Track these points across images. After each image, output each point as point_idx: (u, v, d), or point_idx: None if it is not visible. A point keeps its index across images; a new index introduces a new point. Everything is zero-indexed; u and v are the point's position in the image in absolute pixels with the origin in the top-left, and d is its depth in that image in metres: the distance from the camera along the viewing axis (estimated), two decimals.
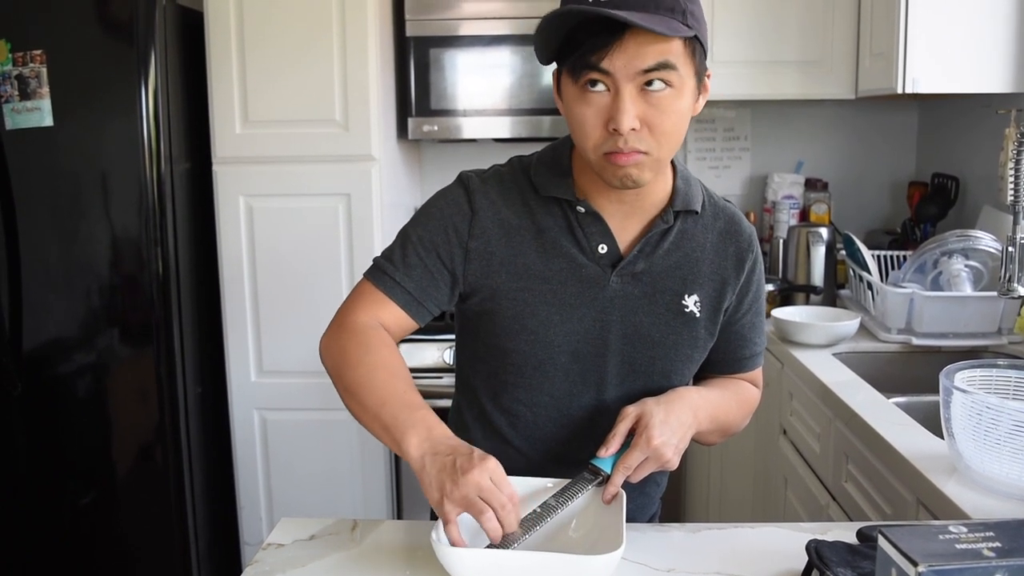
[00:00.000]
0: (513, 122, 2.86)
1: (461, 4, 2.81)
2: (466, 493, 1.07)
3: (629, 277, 1.30)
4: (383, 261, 1.33)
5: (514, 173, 1.34)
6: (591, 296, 1.29)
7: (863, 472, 1.81)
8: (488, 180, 1.33)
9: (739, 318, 1.39)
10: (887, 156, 3.28)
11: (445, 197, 1.34)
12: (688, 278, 1.32)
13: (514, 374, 1.33)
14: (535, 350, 1.30)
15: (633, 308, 1.31)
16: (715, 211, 1.36)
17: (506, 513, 1.08)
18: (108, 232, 2.53)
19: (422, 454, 1.13)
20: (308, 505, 2.78)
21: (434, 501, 1.10)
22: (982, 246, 2.37)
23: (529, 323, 1.29)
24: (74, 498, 2.65)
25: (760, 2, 2.81)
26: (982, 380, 1.50)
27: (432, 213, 1.33)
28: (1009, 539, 0.93)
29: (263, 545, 1.27)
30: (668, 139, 1.18)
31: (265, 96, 2.63)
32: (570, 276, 1.29)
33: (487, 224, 1.30)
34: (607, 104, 1.15)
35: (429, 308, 1.32)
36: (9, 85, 2.46)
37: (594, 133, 1.17)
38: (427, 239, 1.30)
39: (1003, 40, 2.44)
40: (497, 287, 1.30)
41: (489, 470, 1.08)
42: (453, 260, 1.30)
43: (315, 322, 2.67)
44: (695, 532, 1.30)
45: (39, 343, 2.59)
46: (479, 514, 1.07)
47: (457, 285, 1.32)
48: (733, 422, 1.40)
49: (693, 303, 1.32)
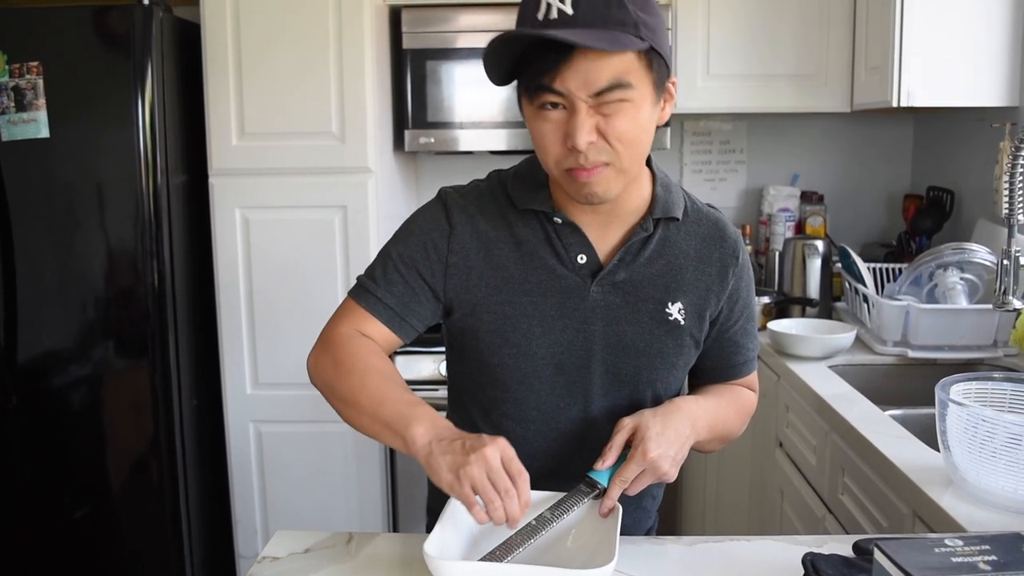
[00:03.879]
0: (509, 134, 2.86)
1: (458, 17, 2.82)
2: (477, 472, 1.06)
3: (610, 286, 1.30)
4: (365, 279, 1.35)
5: (492, 187, 1.34)
6: (572, 307, 1.29)
7: (859, 485, 1.81)
8: (467, 195, 1.34)
9: (731, 325, 1.39)
10: (883, 169, 3.29)
11: (424, 214, 1.35)
12: (671, 285, 1.32)
13: (500, 389, 1.33)
14: (519, 363, 1.31)
15: (616, 318, 1.30)
16: (698, 217, 1.36)
17: (510, 500, 1.07)
18: (104, 244, 2.53)
19: (428, 441, 1.12)
20: (304, 518, 2.77)
21: (446, 483, 1.09)
22: (977, 259, 2.37)
23: (511, 336, 1.30)
24: (69, 511, 2.64)
25: (755, 16, 2.83)
26: (978, 393, 1.50)
27: (412, 230, 1.34)
28: (1004, 552, 0.93)
29: (258, 558, 1.26)
30: (629, 148, 1.17)
31: (262, 108, 2.63)
32: (550, 287, 1.29)
33: (466, 239, 1.31)
34: (563, 120, 1.15)
35: (412, 324, 1.33)
36: (6, 96, 2.46)
37: (554, 150, 1.18)
38: (407, 255, 1.32)
39: (998, 54, 2.46)
40: (478, 301, 1.30)
41: (500, 448, 1.09)
42: (434, 275, 1.31)
43: (311, 334, 2.67)
44: (691, 545, 1.30)
45: (34, 355, 2.58)
46: (487, 501, 1.07)
47: (439, 301, 1.33)
48: (731, 429, 1.40)
49: (677, 311, 1.32)
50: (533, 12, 1.13)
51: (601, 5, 1.10)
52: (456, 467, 1.08)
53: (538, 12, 1.13)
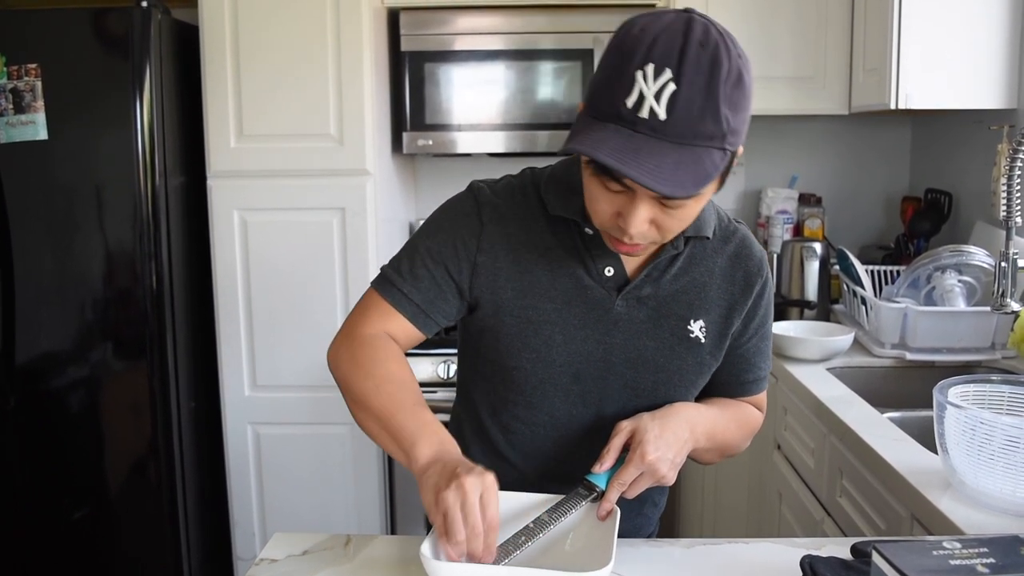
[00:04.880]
0: (508, 137, 2.86)
1: (456, 19, 2.82)
2: (451, 500, 1.04)
3: (635, 301, 1.28)
4: (391, 272, 1.31)
5: (525, 187, 1.32)
6: (595, 318, 1.28)
7: (857, 487, 1.81)
8: (499, 192, 1.32)
9: (744, 342, 1.37)
10: (880, 171, 3.29)
11: (455, 208, 1.32)
12: (695, 303, 1.31)
13: (514, 391, 1.32)
14: (536, 369, 1.29)
15: (637, 332, 1.29)
16: (726, 235, 1.34)
17: (475, 539, 1.04)
18: (102, 246, 2.53)
19: (429, 463, 1.12)
20: (301, 520, 2.77)
21: (427, 503, 1.09)
22: (975, 261, 2.37)
23: (532, 341, 1.28)
24: (67, 512, 2.64)
25: (753, 18, 2.83)
26: (976, 395, 1.50)
27: (441, 224, 1.31)
28: (1003, 555, 0.93)
29: (256, 560, 1.26)
30: (679, 230, 1.16)
31: (260, 110, 2.63)
32: (575, 297, 1.28)
33: (496, 238, 1.29)
34: (620, 199, 1.11)
35: (436, 320, 1.31)
36: (4, 98, 2.46)
37: (602, 215, 1.15)
38: (435, 251, 1.29)
39: (996, 56, 2.46)
40: (502, 303, 1.29)
41: (483, 485, 1.06)
42: (461, 273, 1.29)
43: (309, 336, 2.69)
44: (689, 548, 1.30)
45: (32, 357, 2.58)
46: (447, 532, 1.04)
47: (464, 298, 1.31)
48: (732, 442, 1.38)
49: (699, 328, 1.31)
50: (624, 94, 1.03)
51: (696, 116, 1.03)
52: (437, 490, 1.07)
53: (629, 98, 1.03)
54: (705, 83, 1.03)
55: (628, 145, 1.03)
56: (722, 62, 1.04)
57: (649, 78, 1.02)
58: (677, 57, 1.02)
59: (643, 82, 1.02)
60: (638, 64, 1.03)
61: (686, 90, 1.02)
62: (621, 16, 2.77)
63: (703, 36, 1.04)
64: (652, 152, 1.03)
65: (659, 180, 1.02)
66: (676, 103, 1.02)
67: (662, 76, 1.02)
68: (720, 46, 1.05)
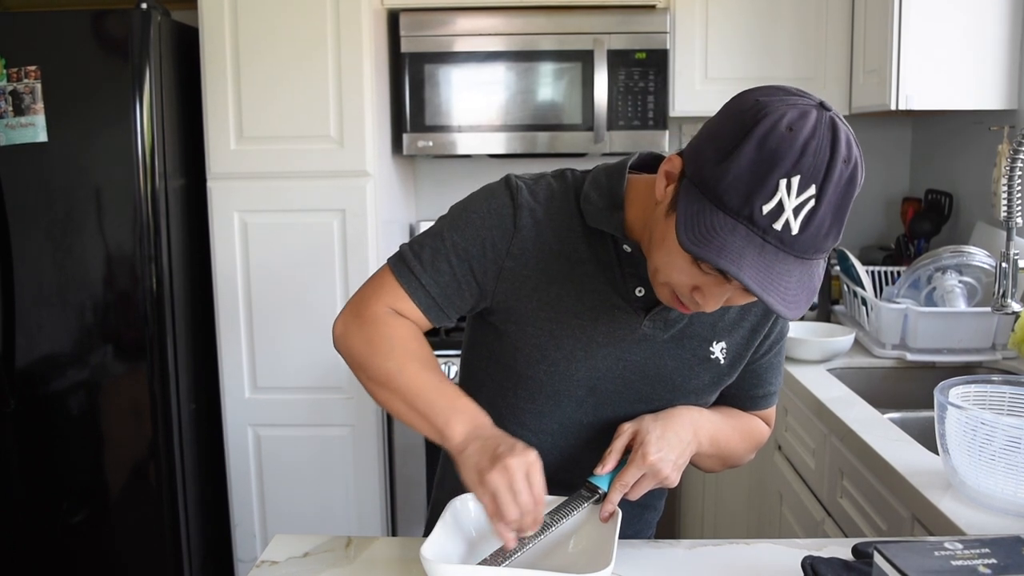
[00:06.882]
0: (508, 138, 2.86)
1: (456, 20, 2.82)
2: (497, 484, 1.06)
3: (661, 322, 1.26)
4: (411, 257, 1.26)
5: (565, 193, 1.26)
6: (620, 337, 1.25)
7: (858, 488, 1.80)
8: (537, 195, 1.26)
9: (758, 358, 1.35)
10: (881, 172, 3.29)
11: (490, 204, 1.25)
12: (718, 325, 1.29)
13: (526, 400, 1.30)
14: (552, 380, 1.27)
15: (659, 351, 1.27)
16: None
17: (526, 516, 1.07)
18: (102, 248, 2.53)
19: (466, 439, 1.12)
20: (302, 522, 2.77)
21: (470, 482, 1.09)
22: (976, 262, 2.37)
23: (551, 354, 1.25)
24: (67, 516, 2.64)
25: (753, 19, 2.83)
26: (976, 396, 1.50)
27: (472, 220, 1.25)
28: (1004, 556, 0.93)
29: (257, 562, 1.26)
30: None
31: (260, 112, 2.63)
32: (602, 314, 1.24)
33: (527, 245, 1.24)
34: (707, 280, 1.07)
35: (449, 315, 1.28)
36: (3, 101, 2.46)
37: (680, 286, 1.10)
38: (462, 247, 1.24)
39: (996, 57, 2.46)
40: (525, 312, 1.25)
41: (528, 463, 1.08)
42: (485, 275, 1.25)
43: (310, 338, 2.69)
44: (691, 548, 1.30)
45: (32, 360, 2.58)
46: (499, 513, 1.07)
47: (484, 299, 1.27)
48: (735, 450, 1.37)
49: (719, 350, 1.29)
50: (762, 200, 0.98)
51: (823, 235, 1.01)
52: (479, 470, 1.08)
53: (767, 204, 0.98)
54: (839, 202, 1.01)
55: (761, 261, 1.00)
56: (858, 180, 1.02)
57: (793, 191, 0.98)
58: (823, 174, 0.99)
59: (785, 193, 0.98)
60: (784, 173, 0.98)
61: (823, 209, 0.99)
62: (621, 16, 2.79)
63: (847, 152, 1.01)
64: (782, 272, 1.01)
65: (788, 304, 1.01)
66: (811, 221, 0.99)
67: (806, 192, 0.98)
68: (858, 162, 1.02)
